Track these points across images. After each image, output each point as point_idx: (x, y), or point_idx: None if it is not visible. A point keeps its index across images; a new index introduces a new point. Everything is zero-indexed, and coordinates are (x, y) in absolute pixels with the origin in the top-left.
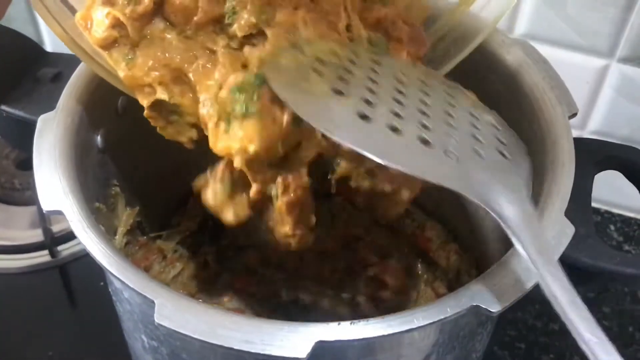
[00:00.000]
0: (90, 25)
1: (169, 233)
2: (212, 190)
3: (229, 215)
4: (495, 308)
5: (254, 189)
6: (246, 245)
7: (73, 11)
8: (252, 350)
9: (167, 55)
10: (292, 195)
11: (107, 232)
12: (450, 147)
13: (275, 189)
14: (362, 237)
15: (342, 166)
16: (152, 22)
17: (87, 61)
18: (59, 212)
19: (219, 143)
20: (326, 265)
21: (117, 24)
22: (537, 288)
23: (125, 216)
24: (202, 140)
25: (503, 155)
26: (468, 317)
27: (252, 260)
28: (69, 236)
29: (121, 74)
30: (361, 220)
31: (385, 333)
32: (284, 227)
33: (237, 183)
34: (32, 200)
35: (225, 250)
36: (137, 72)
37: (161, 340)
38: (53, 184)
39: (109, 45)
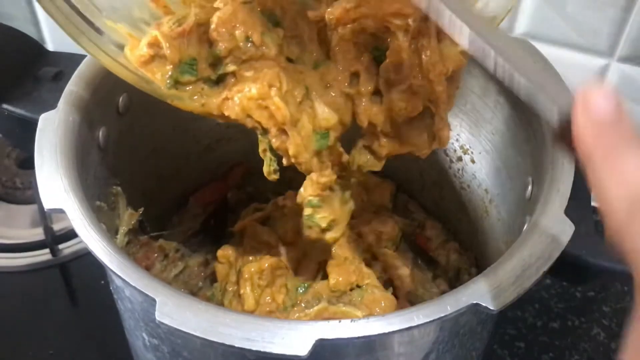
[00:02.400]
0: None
1: (171, 232)
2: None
3: None
4: (494, 306)
5: None
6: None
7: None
8: (253, 348)
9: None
10: None
11: (109, 230)
12: None
13: None
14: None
15: None
16: (194, 44)
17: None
18: (61, 211)
19: None
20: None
21: (154, 44)
22: (536, 286)
23: (127, 215)
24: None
25: None
26: (468, 316)
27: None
28: (70, 235)
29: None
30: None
31: (386, 331)
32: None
33: None
34: (33, 199)
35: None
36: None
37: (162, 338)
38: (54, 183)
39: (147, 62)
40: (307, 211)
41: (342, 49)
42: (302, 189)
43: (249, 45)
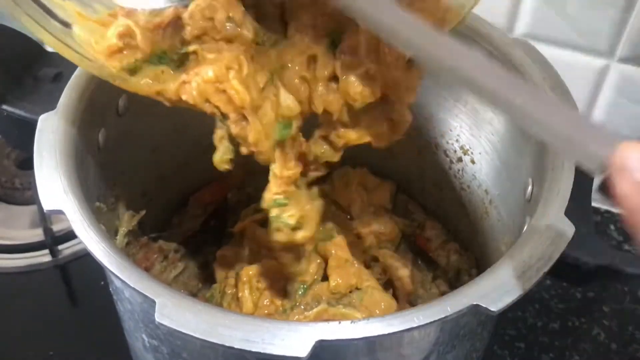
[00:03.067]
0: (99, 38)
1: (170, 233)
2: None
3: None
4: (495, 307)
5: None
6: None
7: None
8: (253, 349)
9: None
10: None
11: (108, 231)
12: None
13: None
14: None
15: None
16: (169, 36)
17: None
18: (60, 212)
19: None
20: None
21: (126, 34)
22: (537, 287)
23: (126, 216)
24: None
25: None
26: (468, 317)
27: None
28: (70, 235)
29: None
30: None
31: (386, 332)
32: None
33: None
34: (32, 199)
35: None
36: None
37: (162, 339)
38: (54, 184)
39: (115, 52)
40: (273, 212)
41: (300, 30)
42: (265, 193)
43: (228, 26)
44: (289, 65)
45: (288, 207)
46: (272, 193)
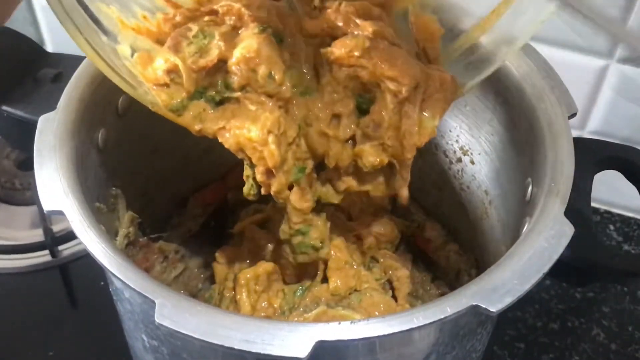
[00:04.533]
0: (147, 64)
1: (170, 233)
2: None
3: None
4: (494, 308)
5: None
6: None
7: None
8: (253, 350)
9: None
10: None
11: (108, 232)
12: None
13: None
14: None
15: None
16: (211, 75)
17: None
18: (60, 212)
19: None
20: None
21: (173, 71)
22: (536, 288)
23: (126, 217)
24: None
25: None
26: (468, 317)
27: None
28: (70, 236)
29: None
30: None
31: (385, 332)
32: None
33: None
34: (32, 200)
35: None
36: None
37: (162, 340)
38: (54, 184)
39: (161, 86)
40: (296, 240)
41: (332, 88)
42: (283, 225)
43: (269, 82)
44: (315, 122)
45: (310, 233)
46: (293, 223)
